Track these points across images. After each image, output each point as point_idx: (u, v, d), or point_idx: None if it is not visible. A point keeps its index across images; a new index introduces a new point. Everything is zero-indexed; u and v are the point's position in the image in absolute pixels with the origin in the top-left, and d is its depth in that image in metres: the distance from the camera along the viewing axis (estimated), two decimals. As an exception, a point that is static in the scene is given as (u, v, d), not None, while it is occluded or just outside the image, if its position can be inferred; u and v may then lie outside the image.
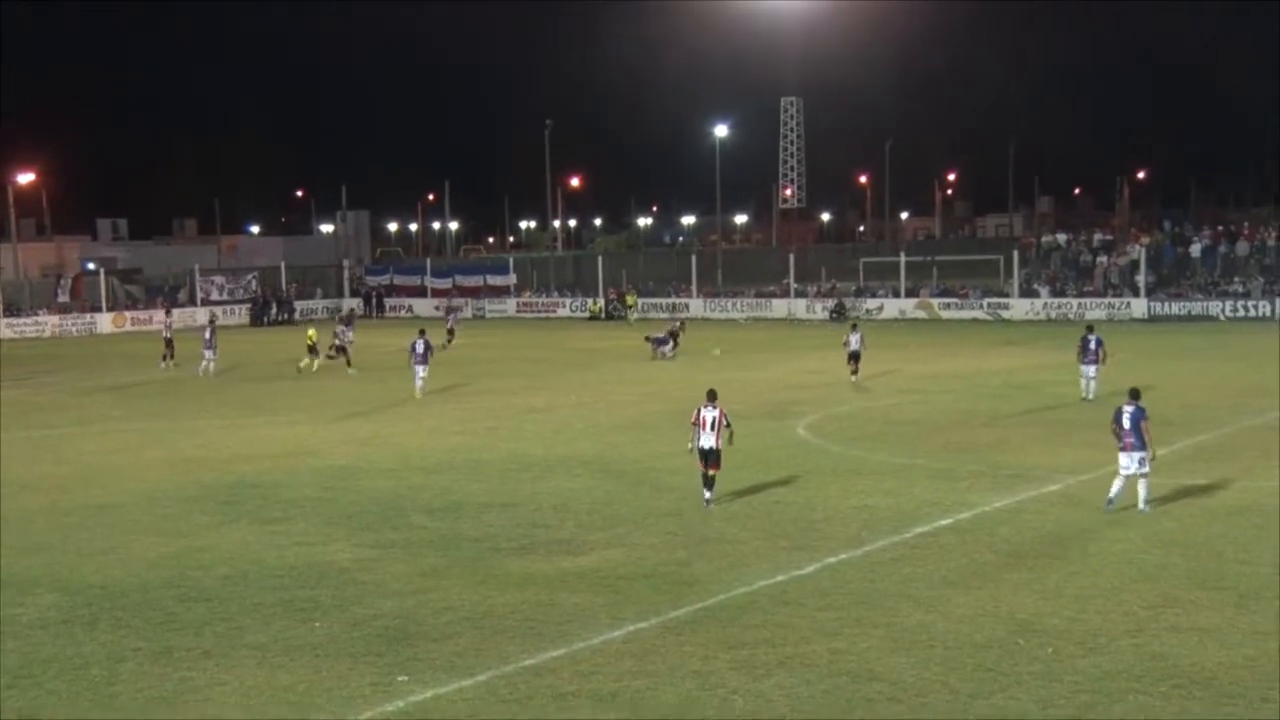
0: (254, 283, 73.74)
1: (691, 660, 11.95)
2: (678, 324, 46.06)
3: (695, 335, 49.06)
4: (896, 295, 65.02)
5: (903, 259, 67.00)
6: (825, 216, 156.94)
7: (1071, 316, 59.53)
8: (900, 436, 25.03)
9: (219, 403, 33.26)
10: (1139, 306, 58.95)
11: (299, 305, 72.46)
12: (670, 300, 68.67)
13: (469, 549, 16.44)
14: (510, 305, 72.93)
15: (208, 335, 40.88)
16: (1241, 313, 57.58)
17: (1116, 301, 60.38)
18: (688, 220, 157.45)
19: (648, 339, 44.12)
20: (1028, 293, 62.89)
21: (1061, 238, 71.97)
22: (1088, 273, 64.48)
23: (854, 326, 36.50)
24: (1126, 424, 17.51)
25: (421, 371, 33.48)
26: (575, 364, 42.81)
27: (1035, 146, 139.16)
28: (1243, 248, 63.20)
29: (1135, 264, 61.81)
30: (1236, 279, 61.06)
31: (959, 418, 27.58)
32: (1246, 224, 74.59)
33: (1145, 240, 67.09)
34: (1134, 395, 17.91)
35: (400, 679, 11.65)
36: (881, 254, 78.68)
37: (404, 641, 12.68)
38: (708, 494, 18.52)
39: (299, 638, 12.91)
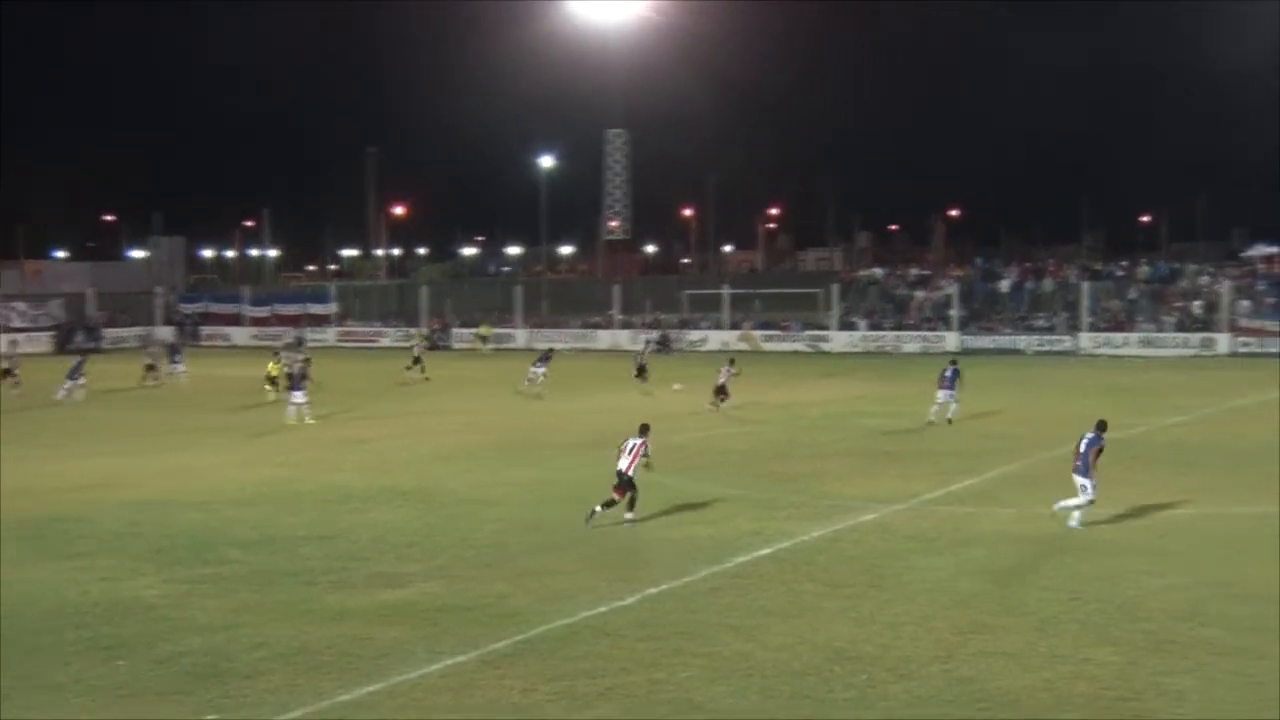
0: (59, 309, 70.83)
1: (511, 693, 11.85)
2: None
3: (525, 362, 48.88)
4: (719, 327, 66.10)
5: (726, 292, 68.18)
6: (650, 248, 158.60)
7: (888, 349, 61.61)
8: (725, 467, 25.36)
9: (17, 434, 31.72)
10: (952, 340, 61.21)
11: (108, 333, 69.77)
12: (507, 330, 68.44)
13: (284, 583, 16.01)
14: (331, 334, 71.54)
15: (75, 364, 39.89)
16: (1046, 346, 60.42)
17: (930, 335, 62.64)
18: (513, 250, 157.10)
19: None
20: (846, 325, 64.73)
21: (879, 272, 74.69)
22: (904, 306, 66.77)
23: (731, 361, 37.37)
24: (1082, 448, 19.01)
25: (298, 396, 33.37)
26: (397, 394, 42.19)
27: (854, 183, 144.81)
28: (1048, 284, 66.61)
29: (949, 299, 64.30)
30: (1041, 314, 64.21)
31: (781, 448, 28.11)
32: (1052, 261, 78.86)
33: (958, 274, 70.07)
34: (1099, 427, 19.29)
35: (208, 719, 11.25)
36: (705, 286, 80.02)
37: (213, 679, 12.26)
38: (598, 509, 19.02)
39: (101, 677, 12.37)
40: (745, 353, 62.05)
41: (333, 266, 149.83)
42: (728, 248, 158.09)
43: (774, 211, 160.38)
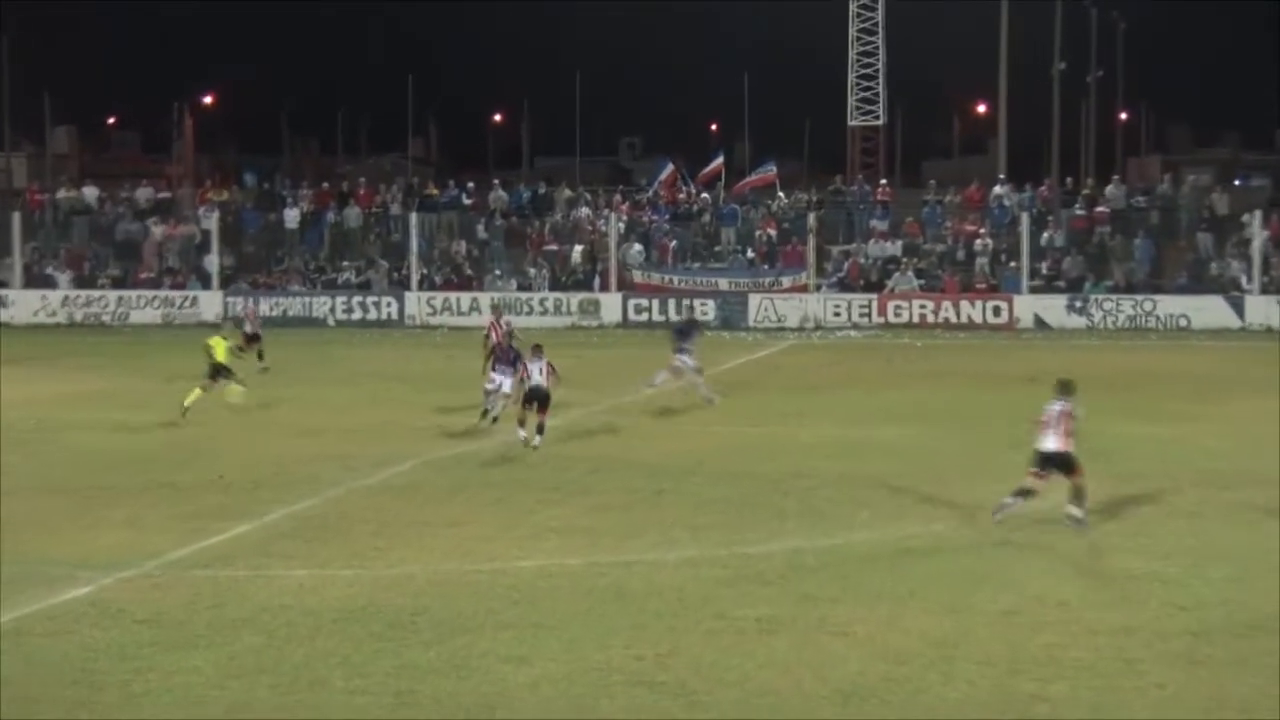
0: None
1: None
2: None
3: None
4: None
5: None
6: None
7: (108, 318, 60.38)
8: None
9: None
10: (209, 302, 60.88)
11: None
12: None
13: None
14: None
15: None
16: (359, 313, 61.74)
17: (176, 295, 61.98)
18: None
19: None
20: (38, 280, 62.61)
21: (92, 194, 71.85)
22: (133, 250, 65.39)
23: None
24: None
25: None
26: None
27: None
28: (355, 215, 67.57)
29: (205, 238, 63.77)
30: (350, 262, 65.37)
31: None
32: (364, 180, 79.09)
33: (219, 199, 68.95)
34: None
35: None
36: None
37: None
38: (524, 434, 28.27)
39: None
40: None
41: None
42: None
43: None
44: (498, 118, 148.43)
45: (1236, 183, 79.26)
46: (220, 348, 35.09)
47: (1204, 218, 65.49)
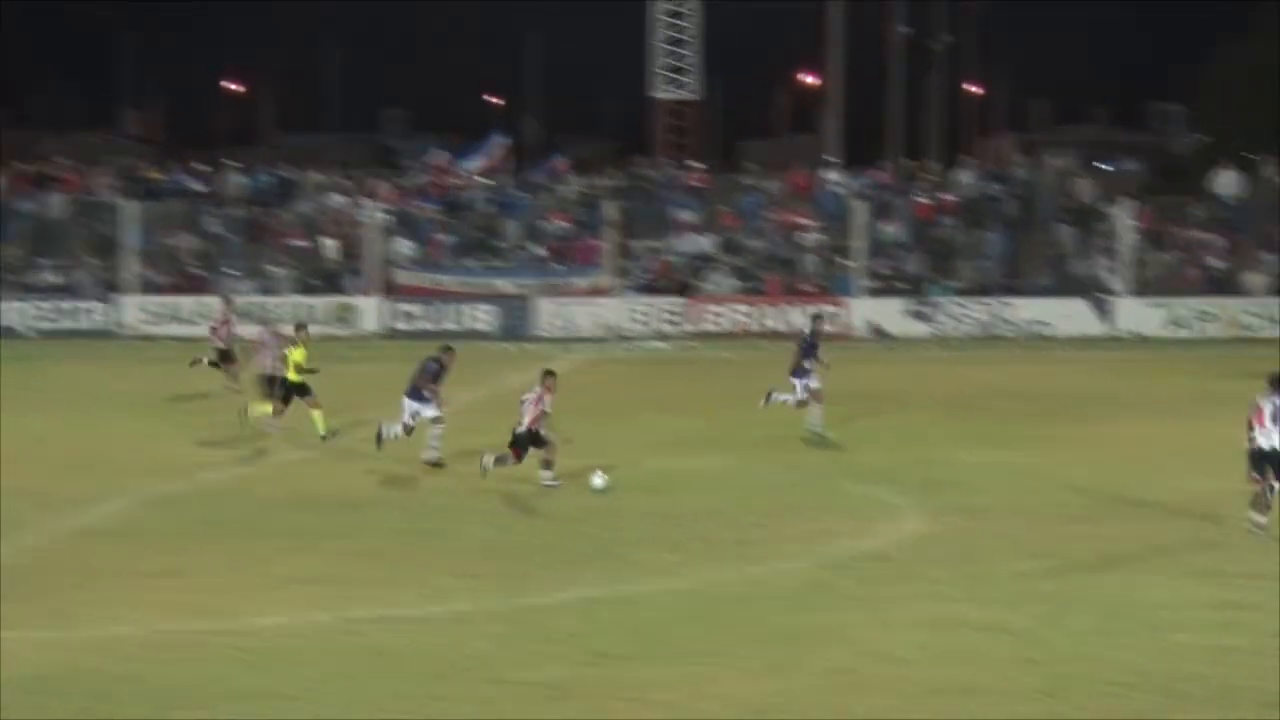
0: None
1: None
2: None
3: None
4: None
5: None
6: None
7: None
8: None
9: None
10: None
11: None
12: None
13: None
14: None
15: None
16: (63, 321, 60.91)
17: None
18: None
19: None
20: None
21: None
22: None
23: None
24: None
25: None
26: None
27: None
28: (60, 205, 66.51)
29: None
30: (52, 261, 64.28)
31: None
32: (69, 161, 77.51)
33: None
34: None
35: None
36: None
37: None
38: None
39: None
40: None
41: None
42: None
43: None
44: (234, 87, 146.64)
45: (1105, 167, 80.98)
46: None
47: (1066, 207, 66.73)
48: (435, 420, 32.15)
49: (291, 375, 34.80)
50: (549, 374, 30.19)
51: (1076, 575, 23.54)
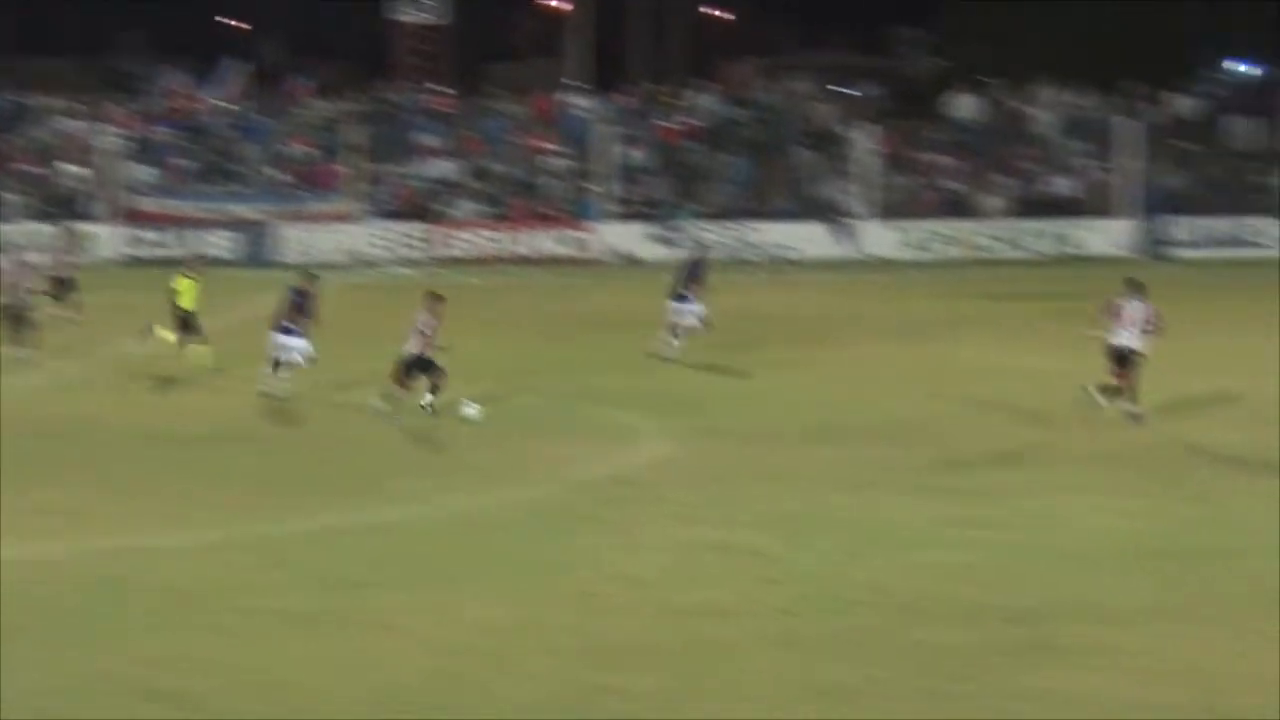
0: None
1: None
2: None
3: None
4: None
5: None
6: None
7: None
8: None
9: None
10: None
11: None
12: None
13: None
14: None
15: None
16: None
17: None
18: None
19: None
20: None
21: None
22: None
23: None
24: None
25: None
26: None
27: None
28: None
29: None
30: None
31: None
32: None
33: None
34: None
35: None
36: None
37: None
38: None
39: None
40: None
41: None
42: None
43: None
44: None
45: (847, 91, 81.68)
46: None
47: (807, 132, 67.38)
48: (310, 360, 31.54)
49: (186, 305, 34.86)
50: (433, 298, 30.57)
51: (818, 496, 23.83)
